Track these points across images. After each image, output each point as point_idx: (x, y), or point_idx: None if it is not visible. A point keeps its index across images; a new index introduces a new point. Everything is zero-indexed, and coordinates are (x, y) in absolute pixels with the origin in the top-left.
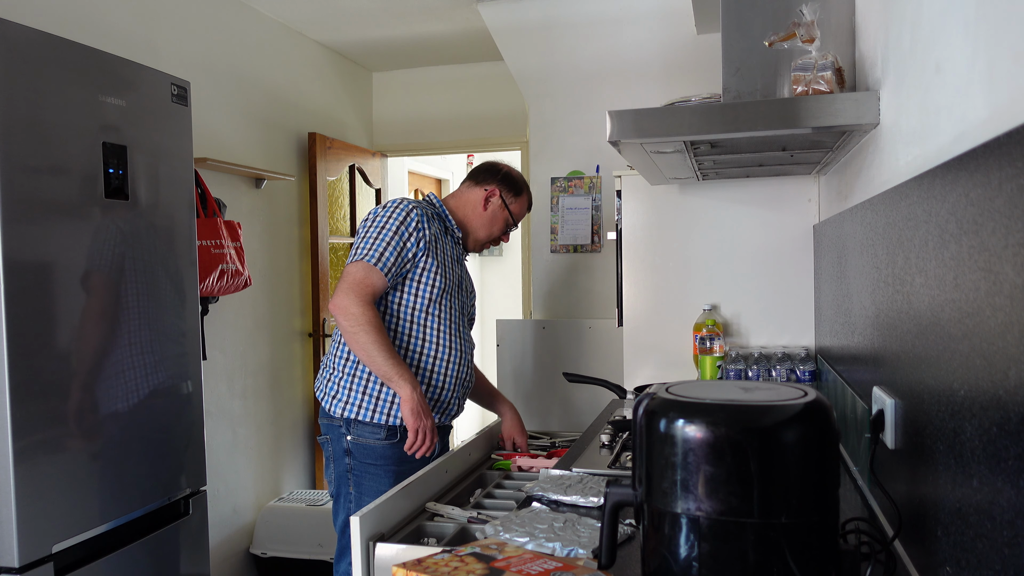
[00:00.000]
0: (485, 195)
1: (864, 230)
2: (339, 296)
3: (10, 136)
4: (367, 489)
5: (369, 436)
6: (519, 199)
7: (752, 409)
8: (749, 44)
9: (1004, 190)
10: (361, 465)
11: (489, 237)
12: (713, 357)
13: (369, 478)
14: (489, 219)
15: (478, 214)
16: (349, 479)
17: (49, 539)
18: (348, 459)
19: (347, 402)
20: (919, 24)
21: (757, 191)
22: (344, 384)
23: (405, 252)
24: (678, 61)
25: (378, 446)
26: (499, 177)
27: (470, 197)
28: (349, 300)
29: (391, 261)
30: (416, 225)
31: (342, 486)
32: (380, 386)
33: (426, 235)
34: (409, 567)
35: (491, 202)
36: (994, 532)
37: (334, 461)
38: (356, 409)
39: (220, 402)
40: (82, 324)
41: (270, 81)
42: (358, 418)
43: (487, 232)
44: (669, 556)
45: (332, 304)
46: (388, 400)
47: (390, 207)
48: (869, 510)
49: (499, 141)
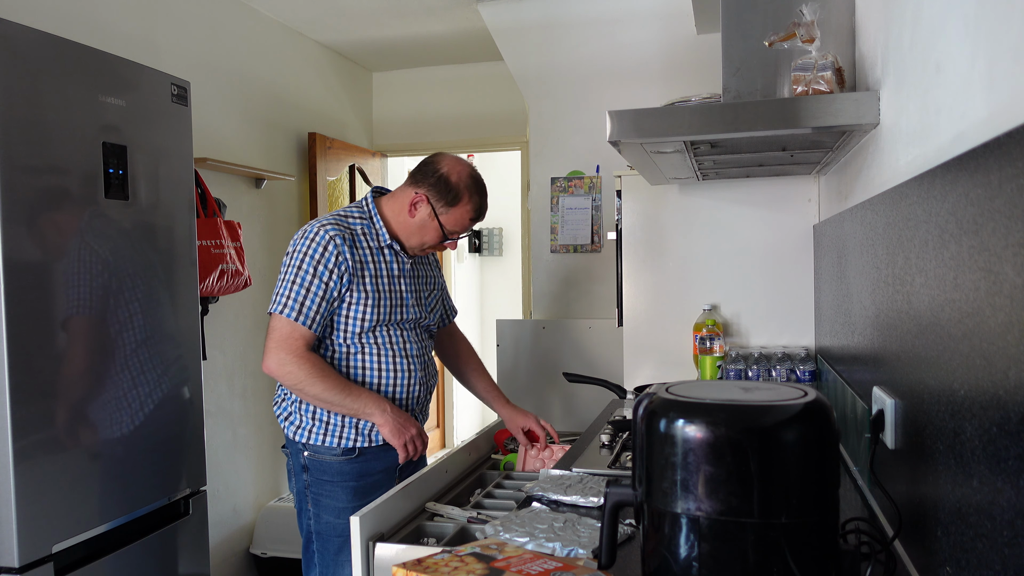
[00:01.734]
0: (413, 199)
1: (864, 230)
2: (270, 356)
3: (10, 136)
4: (325, 506)
5: (325, 453)
6: (453, 209)
7: (752, 409)
8: (749, 44)
9: (1004, 190)
10: (318, 482)
11: (423, 246)
12: (713, 357)
13: (327, 496)
14: (418, 227)
15: (406, 221)
16: (307, 495)
17: (49, 539)
18: (305, 475)
19: (299, 426)
20: (919, 24)
21: (757, 191)
22: (295, 408)
23: (328, 293)
24: (678, 61)
25: (335, 463)
26: (432, 180)
27: (401, 200)
28: (280, 358)
29: (314, 310)
30: (336, 260)
31: (301, 502)
32: (328, 412)
33: (349, 266)
34: (409, 567)
35: (418, 208)
36: (994, 532)
37: (294, 476)
38: (307, 434)
39: (220, 402)
40: (82, 324)
41: (270, 81)
42: (310, 441)
43: (419, 241)
44: (669, 556)
45: (265, 366)
46: (339, 423)
47: (307, 240)
48: (869, 510)
49: (499, 141)
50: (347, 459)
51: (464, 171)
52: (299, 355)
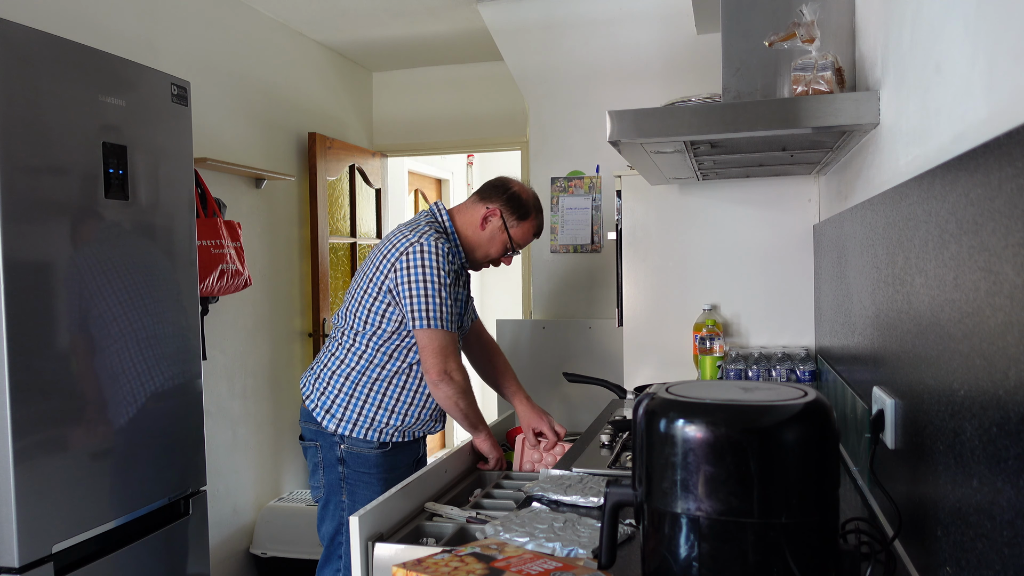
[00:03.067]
0: (485, 214)
1: (864, 230)
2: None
3: (10, 136)
4: (360, 496)
5: (363, 446)
6: (523, 223)
7: (752, 409)
8: (749, 44)
9: (1004, 190)
10: (355, 474)
11: (486, 259)
12: (713, 357)
13: (363, 486)
14: (487, 240)
15: (475, 233)
16: (342, 487)
17: (49, 539)
18: (342, 468)
19: (342, 419)
20: (919, 24)
21: (757, 191)
22: (340, 402)
23: (454, 299)
24: (678, 61)
25: (372, 455)
26: (505, 197)
27: (472, 215)
28: (456, 364)
29: (451, 313)
30: (448, 268)
31: (333, 494)
32: (376, 408)
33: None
34: (409, 567)
35: (490, 222)
36: (994, 532)
37: (324, 468)
38: (351, 427)
39: (220, 402)
40: (82, 324)
41: (270, 81)
42: (352, 435)
43: (483, 253)
44: (669, 556)
45: (440, 372)
46: (384, 420)
47: (430, 253)
48: (869, 510)
49: (499, 141)
50: (382, 452)
51: (532, 192)
52: (458, 365)
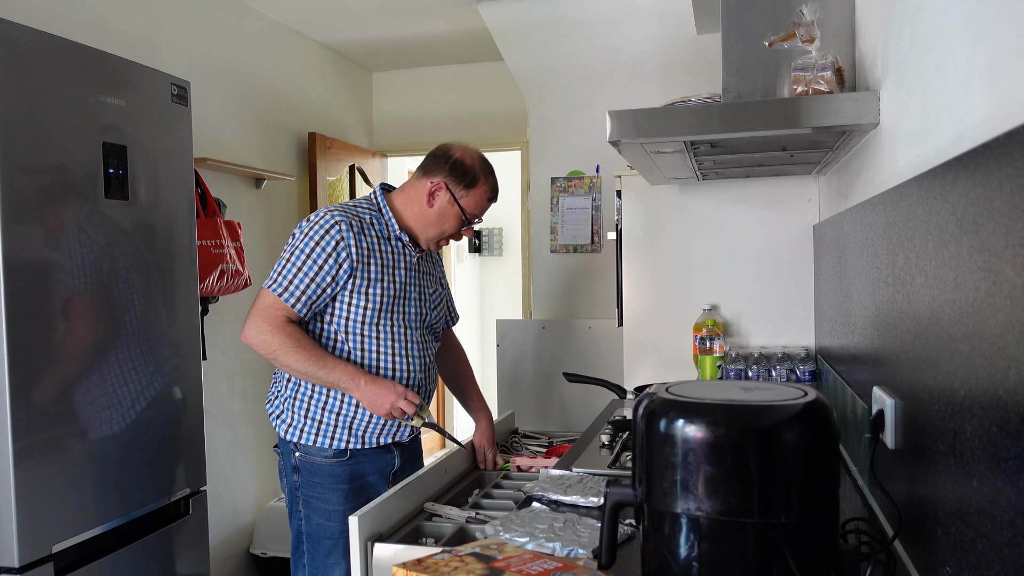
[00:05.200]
0: (430, 188)
1: (864, 230)
2: (248, 324)
3: (10, 136)
4: (316, 508)
5: (316, 454)
6: (473, 191)
7: (752, 409)
8: (749, 44)
9: (1004, 190)
10: (309, 484)
11: (441, 235)
12: (713, 357)
13: (317, 498)
14: (437, 217)
15: (424, 212)
16: (298, 497)
17: (49, 539)
18: (296, 476)
19: (291, 424)
20: (919, 24)
21: (757, 191)
22: (288, 405)
23: (321, 277)
24: (678, 61)
25: (326, 464)
26: (448, 167)
27: (417, 192)
28: (258, 328)
29: (301, 290)
30: (336, 245)
31: (292, 503)
32: (322, 409)
33: (351, 252)
34: (409, 567)
35: (437, 197)
36: (994, 532)
37: (285, 476)
38: (299, 433)
39: (220, 402)
40: (82, 324)
41: (270, 81)
42: (302, 441)
43: (437, 231)
44: (669, 556)
45: (243, 334)
46: (331, 423)
47: (311, 224)
48: (869, 510)
49: (499, 141)
50: (339, 461)
51: (475, 154)
52: (276, 324)
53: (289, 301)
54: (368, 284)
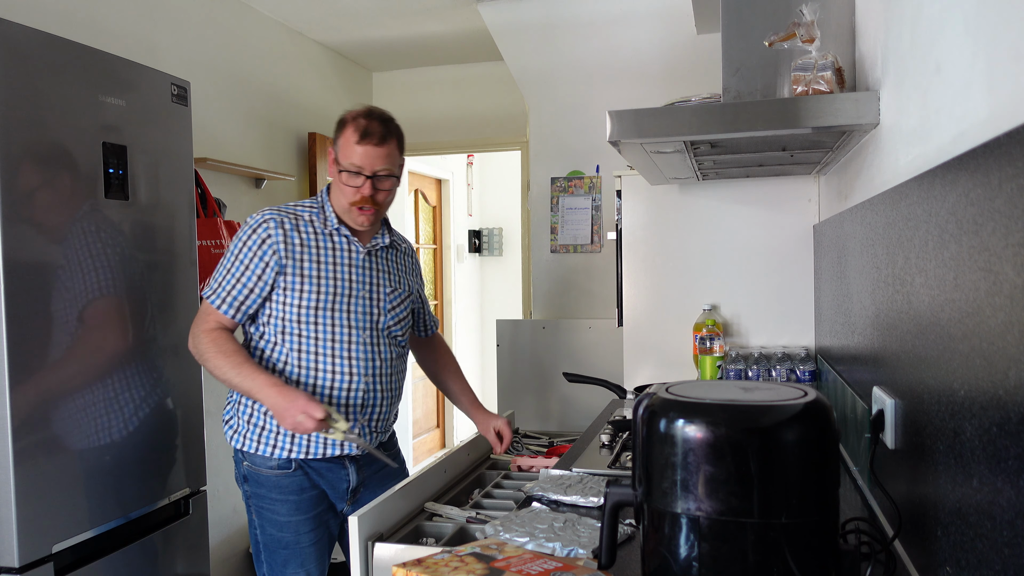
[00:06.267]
0: (330, 159)
1: (864, 230)
2: (189, 335)
3: (10, 136)
4: (267, 519)
5: (261, 465)
6: (340, 139)
7: (752, 409)
8: (749, 44)
9: (1004, 190)
10: (257, 495)
11: (345, 211)
12: (713, 357)
13: (267, 509)
14: (336, 187)
15: (334, 189)
16: (251, 506)
17: (49, 539)
18: (246, 486)
19: (236, 430)
20: (919, 24)
21: (757, 191)
22: (235, 411)
23: (247, 278)
24: (678, 61)
25: (271, 476)
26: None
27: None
28: (192, 335)
29: (227, 292)
30: (262, 244)
31: (248, 511)
32: (264, 415)
33: (280, 249)
34: (409, 567)
35: (333, 167)
36: (994, 532)
37: (239, 484)
38: (243, 439)
39: (220, 402)
40: (82, 324)
41: (270, 81)
42: (245, 448)
43: (341, 203)
44: (669, 556)
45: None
46: (273, 430)
47: (245, 226)
48: (869, 510)
49: (499, 141)
50: (284, 473)
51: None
52: (205, 331)
53: (216, 303)
54: (302, 281)
